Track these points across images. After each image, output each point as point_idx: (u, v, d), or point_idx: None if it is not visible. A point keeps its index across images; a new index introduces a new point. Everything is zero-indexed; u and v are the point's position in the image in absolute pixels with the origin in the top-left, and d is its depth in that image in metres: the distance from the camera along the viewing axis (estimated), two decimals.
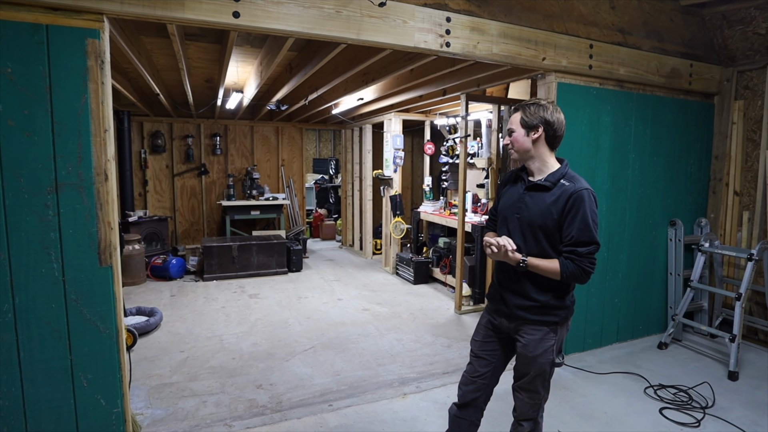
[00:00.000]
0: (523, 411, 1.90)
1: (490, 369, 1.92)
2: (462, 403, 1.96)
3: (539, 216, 1.72)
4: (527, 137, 1.75)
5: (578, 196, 1.66)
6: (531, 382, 1.83)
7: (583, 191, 1.67)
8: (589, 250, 1.65)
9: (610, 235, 3.54)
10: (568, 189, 1.69)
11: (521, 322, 1.80)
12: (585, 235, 1.65)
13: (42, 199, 1.94)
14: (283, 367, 3.26)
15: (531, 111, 1.74)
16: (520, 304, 1.78)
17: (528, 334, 1.78)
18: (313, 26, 2.34)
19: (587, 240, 1.65)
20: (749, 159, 3.82)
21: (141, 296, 5.00)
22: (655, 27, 3.51)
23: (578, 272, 1.66)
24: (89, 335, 2.05)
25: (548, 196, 1.72)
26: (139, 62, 3.32)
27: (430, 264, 5.67)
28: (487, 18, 2.80)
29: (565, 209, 1.67)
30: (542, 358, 1.78)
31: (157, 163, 6.96)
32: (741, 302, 3.24)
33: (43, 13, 1.89)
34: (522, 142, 1.76)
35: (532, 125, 1.74)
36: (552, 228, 1.70)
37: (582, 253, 1.65)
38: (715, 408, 2.75)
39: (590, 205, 1.67)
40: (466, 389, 1.95)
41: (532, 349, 1.78)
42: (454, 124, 5.69)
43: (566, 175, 1.75)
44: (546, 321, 1.77)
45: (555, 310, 1.77)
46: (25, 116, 1.89)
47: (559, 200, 1.69)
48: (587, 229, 1.65)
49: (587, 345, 3.56)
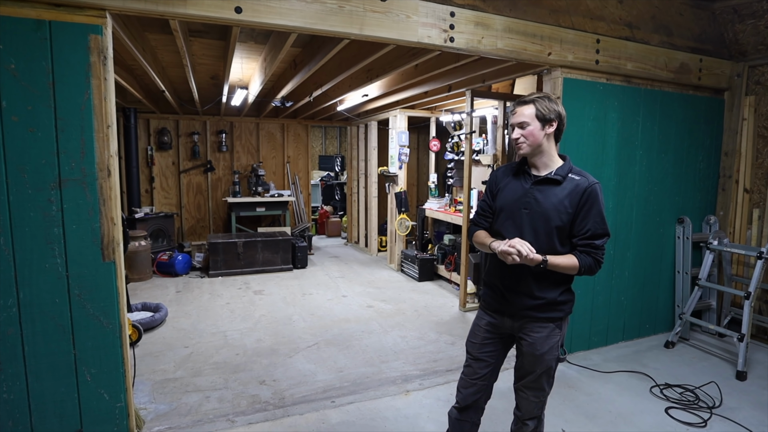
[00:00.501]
0: (528, 410, 1.87)
1: (489, 370, 1.90)
2: (463, 406, 1.94)
3: (553, 210, 1.71)
4: (542, 131, 1.73)
5: (592, 190, 1.70)
6: (537, 380, 1.82)
7: (596, 185, 1.72)
8: (603, 242, 1.71)
9: (617, 233, 3.49)
10: (581, 183, 1.71)
11: (527, 321, 1.78)
12: (601, 228, 1.70)
13: (46, 194, 1.95)
14: (286, 363, 3.27)
15: (546, 104, 1.73)
16: (527, 304, 1.76)
17: (534, 332, 1.77)
18: (315, 21, 2.32)
19: (602, 232, 1.71)
20: (760, 156, 3.76)
21: (147, 292, 5.03)
22: (663, 21, 3.45)
23: (594, 265, 1.70)
24: (93, 330, 2.06)
25: (560, 190, 1.72)
26: (143, 59, 3.33)
27: (435, 261, 5.65)
28: (492, 12, 2.77)
29: (580, 203, 1.70)
30: (549, 355, 1.77)
31: (163, 160, 6.99)
32: (750, 301, 3.19)
33: (46, 9, 1.89)
34: (537, 136, 1.73)
35: (548, 119, 1.72)
36: (565, 222, 1.71)
37: (598, 245, 1.70)
38: (722, 408, 2.71)
39: (602, 198, 1.73)
40: (466, 392, 1.93)
41: (539, 347, 1.76)
42: (460, 120, 5.65)
43: (573, 170, 1.76)
44: (552, 317, 1.76)
45: (560, 305, 1.77)
46: (28, 112, 1.90)
47: (573, 194, 1.71)
48: (603, 222, 1.71)
49: (593, 343, 3.53)
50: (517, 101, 1.78)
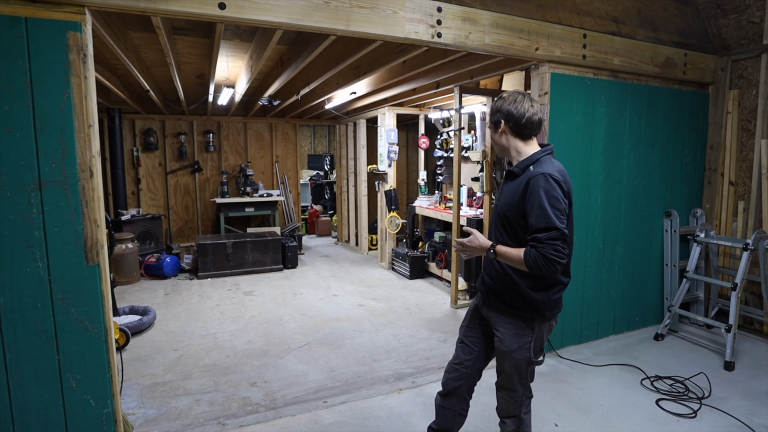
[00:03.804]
0: (503, 408, 1.90)
1: (472, 357, 1.93)
2: (445, 391, 1.98)
3: (506, 204, 1.74)
4: (496, 133, 1.79)
5: (534, 181, 1.60)
6: (508, 379, 1.82)
7: (539, 175, 1.60)
8: (549, 236, 1.54)
9: (606, 227, 3.52)
10: (530, 175, 1.64)
11: (497, 313, 1.80)
12: (543, 221, 1.56)
13: (25, 196, 1.89)
14: (277, 364, 3.23)
15: (493, 109, 1.79)
16: (500, 295, 1.78)
17: (503, 327, 1.78)
18: (301, 17, 2.29)
19: (545, 226, 1.55)
20: (744, 148, 3.81)
21: (135, 295, 4.95)
22: (649, 16, 3.48)
23: (541, 260, 1.54)
24: (77, 335, 2.01)
25: (515, 184, 1.72)
26: (126, 58, 3.26)
27: (425, 259, 5.64)
28: (479, 8, 2.76)
29: (525, 195, 1.63)
30: (518, 354, 1.75)
31: (149, 161, 6.89)
32: (737, 292, 3.23)
33: (22, 5, 1.83)
34: (496, 140, 1.81)
35: (496, 122, 1.78)
36: (516, 216, 1.67)
37: (542, 239, 1.55)
38: (711, 398, 2.75)
39: (547, 188, 1.58)
40: (448, 377, 1.98)
41: (508, 344, 1.76)
42: (448, 117, 5.65)
43: (537, 161, 1.69)
44: (521, 316, 1.74)
45: (532, 305, 1.71)
46: (5, 112, 1.84)
47: (521, 186, 1.67)
48: (544, 215, 1.56)
49: (583, 337, 3.55)
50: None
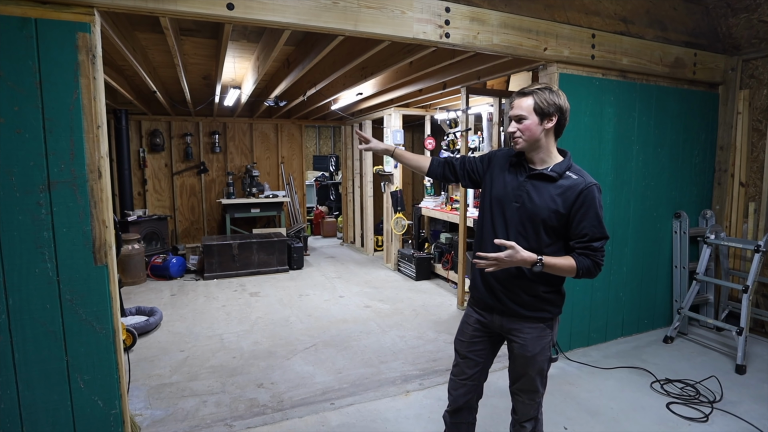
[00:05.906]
0: (524, 412, 1.84)
1: (477, 369, 1.86)
2: (454, 408, 1.90)
3: (544, 208, 1.64)
4: (540, 125, 1.63)
5: (589, 191, 1.62)
6: (530, 382, 1.78)
7: (593, 186, 1.63)
8: (602, 245, 1.65)
9: (615, 229, 3.48)
10: (577, 183, 1.62)
11: (517, 319, 1.73)
12: (599, 231, 1.63)
13: (34, 197, 1.90)
14: (284, 365, 3.23)
15: (546, 97, 1.62)
16: (518, 301, 1.71)
17: (524, 333, 1.72)
18: (309, 18, 2.28)
19: (600, 235, 1.64)
20: (755, 149, 3.76)
21: (141, 296, 4.97)
22: (658, 16, 3.44)
23: (593, 267, 1.64)
24: (85, 336, 2.01)
25: (553, 188, 1.65)
26: (134, 59, 3.27)
27: (431, 260, 5.62)
28: (487, 8, 2.74)
29: (575, 204, 1.62)
30: (541, 356, 1.73)
31: (156, 162, 6.91)
32: (748, 295, 3.19)
33: (32, 6, 1.84)
34: (534, 131, 1.63)
35: (547, 113, 1.62)
36: (555, 221, 1.63)
37: (597, 248, 1.63)
38: (723, 402, 2.71)
39: (599, 200, 1.65)
40: (456, 394, 1.89)
41: (531, 348, 1.72)
42: (455, 118, 5.62)
43: (572, 168, 1.68)
44: (542, 317, 1.72)
45: (550, 304, 1.72)
46: (15, 113, 1.84)
47: (567, 193, 1.62)
48: (600, 225, 1.64)
49: (592, 340, 3.52)
50: (516, 92, 1.69)
